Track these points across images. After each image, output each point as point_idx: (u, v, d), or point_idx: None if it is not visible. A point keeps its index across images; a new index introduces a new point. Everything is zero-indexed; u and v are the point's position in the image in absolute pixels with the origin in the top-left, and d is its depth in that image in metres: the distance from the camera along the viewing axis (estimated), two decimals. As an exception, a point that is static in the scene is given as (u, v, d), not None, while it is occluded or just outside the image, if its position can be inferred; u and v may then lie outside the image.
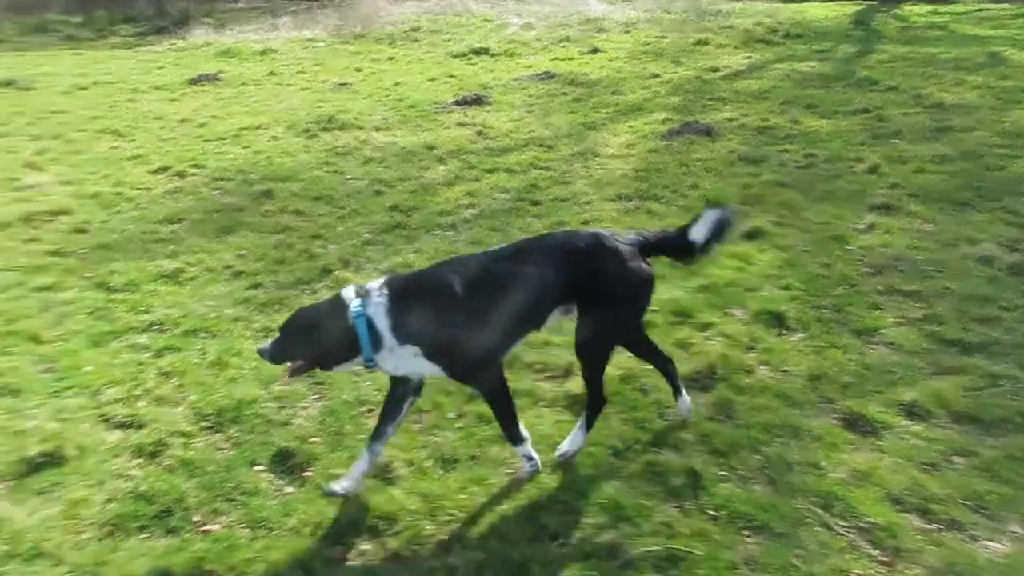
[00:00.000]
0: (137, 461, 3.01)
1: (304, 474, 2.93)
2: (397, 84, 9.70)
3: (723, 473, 2.84)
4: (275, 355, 2.72)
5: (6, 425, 3.19)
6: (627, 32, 12.35)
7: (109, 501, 2.79)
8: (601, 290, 2.76)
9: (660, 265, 3.06)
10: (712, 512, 2.66)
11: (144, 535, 2.65)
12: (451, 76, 9.97)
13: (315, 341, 2.64)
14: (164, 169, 6.65)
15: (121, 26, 18.33)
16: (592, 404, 2.91)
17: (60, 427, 3.14)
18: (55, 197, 5.94)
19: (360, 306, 2.60)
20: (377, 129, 7.68)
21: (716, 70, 9.37)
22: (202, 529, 2.67)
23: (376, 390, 3.38)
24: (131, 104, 9.54)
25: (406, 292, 2.64)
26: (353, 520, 2.69)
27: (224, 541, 2.61)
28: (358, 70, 10.87)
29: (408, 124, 7.82)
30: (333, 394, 3.39)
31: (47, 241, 5.11)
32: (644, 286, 2.83)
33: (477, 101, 8.40)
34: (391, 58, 11.67)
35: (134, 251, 4.95)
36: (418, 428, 3.15)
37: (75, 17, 19.21)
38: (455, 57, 11.34)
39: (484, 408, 3.12)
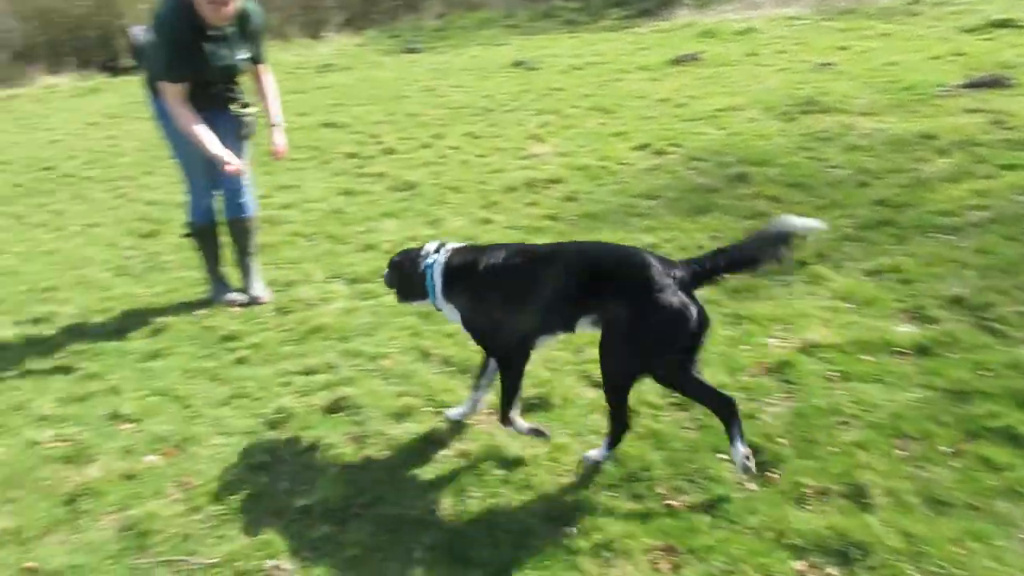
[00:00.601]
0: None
1: (768, 474, 2.82)
2: (891, 64, 8.78)
3: None
4: (386, 283, 3.29)
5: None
6: None
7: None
8: (617, 311, 2.67)
9: None
10: None
11: (612, 493, 2.81)
12: (960, 54, 8.69)
13: (400, 277, 3.15)
14: (644, 146, 7.00)
15: (612, 9, 19.90)
16: (611, 424, 2.86)
17: (550, 376, 3.50)
18: (552, 167, 6.66)
19: (431, 260, 3.03)
20: (864, 114, 7.05)
21: None
22: (666, 503, 2.74)
23: (852, 402, 3.11)
24: (617, 83, 10.25)
25: (458, 259, 3.00)
26: (821, 538, 2.50)
27: (685, 520, 2.65)
28: (843, 48, 10.11)
29: (902, 109, 7.02)
30: (804, 396, 3.21)
31: (544, 206, 5.75)
32: (668, 324, 2.60)
33: (994, 83, 7.18)
34: (885, 34, 10.61)
35: (615, 222, 5.30)
36: (902, 456, 2.81)
37: (574, 2, 21.44)
38: (967, 32, 9.86)
39: (987, 450, 2.67)
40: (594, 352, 3.64)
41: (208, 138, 3.94)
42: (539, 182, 6.26)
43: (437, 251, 3.07)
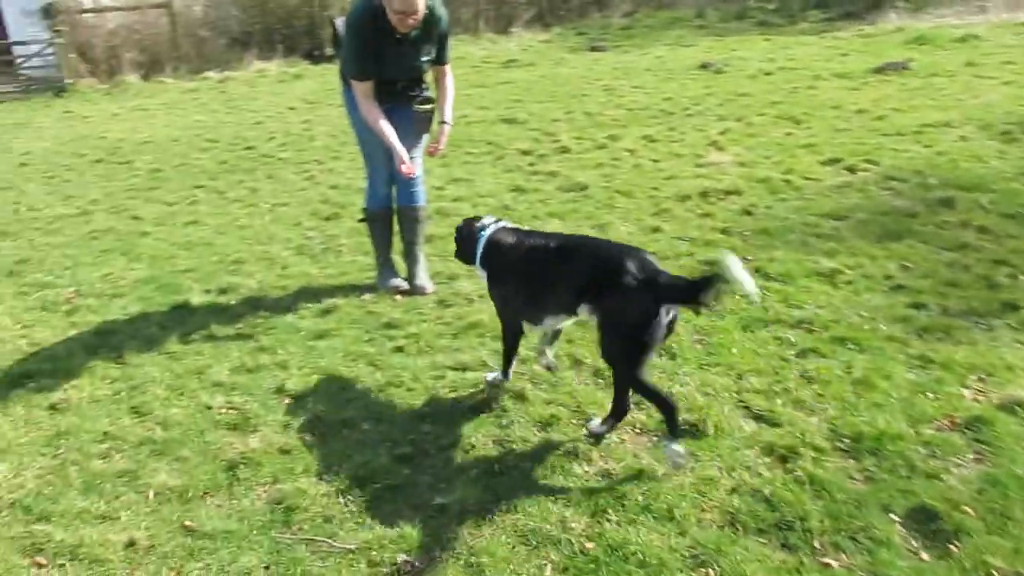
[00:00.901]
0: (766, 460, 2.97)
1: (949, 546, 2.49)
2: None
3: None
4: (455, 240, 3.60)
5: (660, 383, 3.49)
6: None
7: (734, 491, 2.81)
8: (602, 304, 2.93)
9: None
10: None
11: (761, 539, 2.60)
12: None
13: (460, 240, 3.52)
14: (834, 161, 6.51)
15: (811, 12, 18.79)
16: (613, 404, 3.10)
17: (704, 402, 3.30)
18: (730, 177, 6.34)
19: (482, 230, 3.38)
20: (1103, 138, 6.18)
21: None
22: (822, 559, 2.49)
23: (1061, 476, 2.69)
24: (810, 91, 9.64)
25: (499, 236, 3.34)
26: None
27: (843, 584, 2.39)
28: (1084, 62, 8.96)
29: None
30: (1001, 461, 2.81)
31: (718, 218, 5.48)
32: (632, 322, 2.82)
33: None
34: None
35: (793, 241, 4.95)
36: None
37: (770, 3, 20.44)
38: None
39: None
40: (755, 381, 3.44)
41: (390, 134, 4.08)
42: (715, 192, 5.98)
43: (487, 224, 3.44)
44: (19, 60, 16.48)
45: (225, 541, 2.69)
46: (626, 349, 2.89)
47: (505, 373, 3.49)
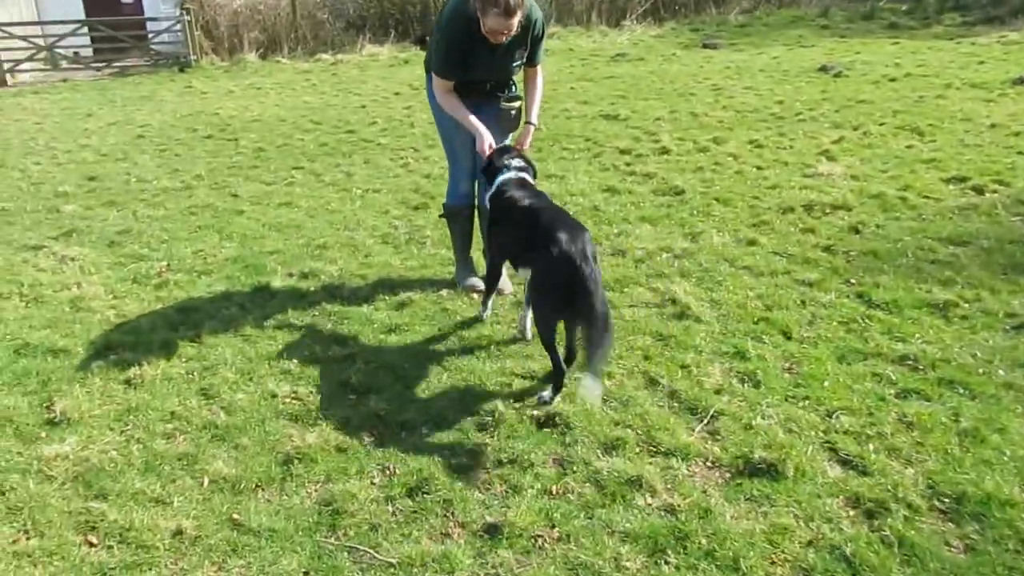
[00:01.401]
0: (850, 512, 2.69)
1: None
2: None
3: None
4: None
5: (740, 413, 3.25)
6: None
7: (810, 544, 2.56)
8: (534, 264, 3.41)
9: None
10: None
11: (840, 605, 2.35)
12: None
13: (488, 168, 3.90)
14: (960, 180, 5.99)
15: (948, 14, 17.57)
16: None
17: (787, 439, 3.04)
18: (839, 190, 5.92)
19: (504, 170, 3.78)
20: None
21: None
22: (904, 639, 2.22)
23: None
24: (939, 101, 8.96)
25: (511, 182, 3.73)
26: None
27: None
28: None
29: None
30: None
31: (821, 235, 5.11)
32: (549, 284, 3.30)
33: None
34: None
35: (904, 267, 4.55)
36: None
37: (903, 4, 19.22)
38: None
39: None
40: (846, 421, 3.15)
41: (471, 118, 3.96)
42: (820, 206, 5.59)
43: (509, 167, 3.79)
44: (151, 35, 17.35)
45: (269, 540, 2.64)
46: (541, 309, 3.40)
47: (485, 305, 4.10)
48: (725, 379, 3.47)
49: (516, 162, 3.83)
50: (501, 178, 3.77)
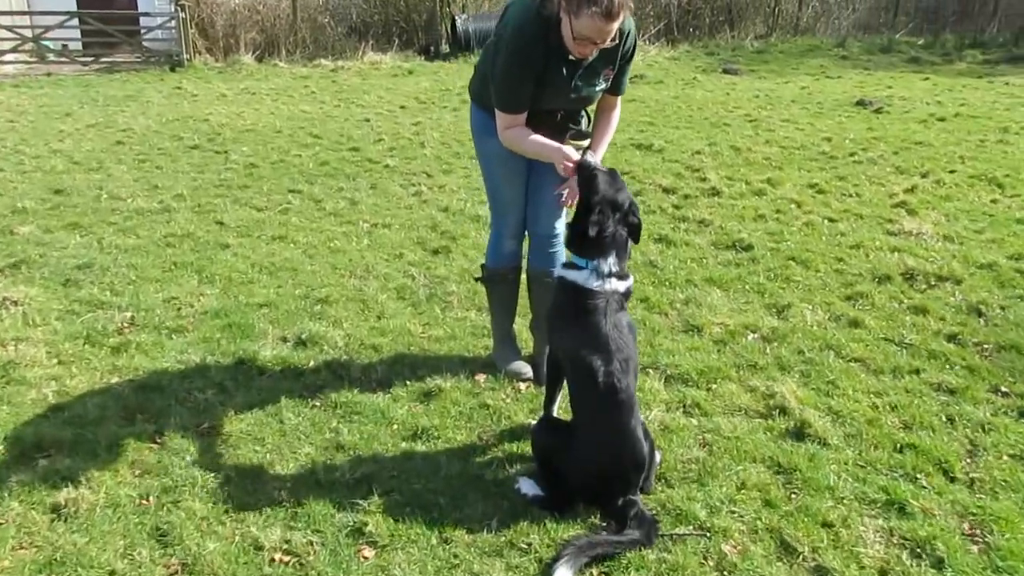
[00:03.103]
0: None
1: None
2: None
3: None
4: None
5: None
6: None
7: None
8: None
9: None
10: None
11: None
12: None
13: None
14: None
15: (968, 51, 16.92)
16: None
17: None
18: (936, 256, 5.02)
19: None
20: None
21: None
22: None
23: None
24: (1003, 146, 8.15)
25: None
26: None
27: None
28: None
29: None
30: None
31: (936, 317, 4.18)
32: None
33: None
34: None
35: (1056, 368, 3.65)
36: None
37: (919, 38, 18.56)
38: None
39: None
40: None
41: (544, 141, 3.00)
42: (923, 275, 4.68)
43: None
44: (143, 31, 16.30)
45: None
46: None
47: (547, 409, 3.17)
48: (889, 550, 2.51)
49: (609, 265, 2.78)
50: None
